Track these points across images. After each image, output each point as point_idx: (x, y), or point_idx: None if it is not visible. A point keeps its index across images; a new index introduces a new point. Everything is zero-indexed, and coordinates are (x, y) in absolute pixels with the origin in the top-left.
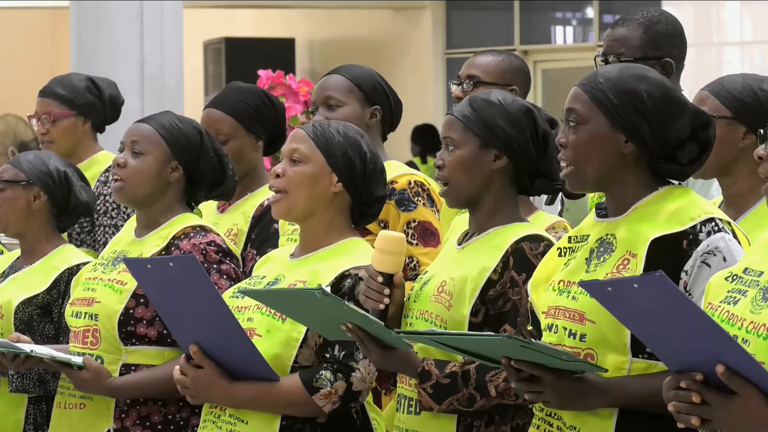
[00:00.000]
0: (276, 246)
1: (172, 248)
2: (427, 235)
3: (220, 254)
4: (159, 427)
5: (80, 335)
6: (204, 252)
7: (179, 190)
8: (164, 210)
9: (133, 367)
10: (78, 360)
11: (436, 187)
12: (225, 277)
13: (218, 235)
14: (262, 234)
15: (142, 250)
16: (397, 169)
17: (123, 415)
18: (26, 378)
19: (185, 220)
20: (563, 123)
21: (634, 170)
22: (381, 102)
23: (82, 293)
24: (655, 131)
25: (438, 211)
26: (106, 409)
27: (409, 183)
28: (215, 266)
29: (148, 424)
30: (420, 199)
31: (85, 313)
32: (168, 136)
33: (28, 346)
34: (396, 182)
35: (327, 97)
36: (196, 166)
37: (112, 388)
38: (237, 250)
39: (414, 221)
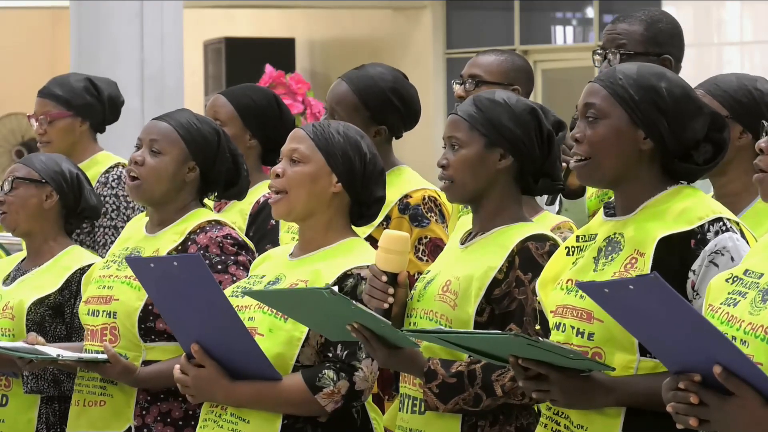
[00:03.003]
0: (274, 242)
1: (189, 243)
2: (437, 253)
3: (236, 247)
4: (180, 423)
5: (98, 333)
6: (221, 245)
7: (194, 189)
8: (178, 208)
9: (153, 363)
10: (102, 356)
11: (447, 201)
12: (242, 268)
13: (234, 228)
14: (260, 231)
15: (158, 246)
16: (412, 183)
17: (144, 412)
18: (41, 379)
19: (200, 215)
20: (579, 118)
21: (649, 168)
22: (389, 118)
23: (97, 291)
24: (673, 129)
25: (447, 225)
26: (126, 406)
27: (423, 198)
28: (232, 258)
29: (169, 420)
30: (433, 215)
31: (103, 311)
32: (186, 136)
33: (53, 351)
34: (411, 197)
35: (333, 110)
36: (212, 166)
37: (137, 379)
38: (252, 244)
39: (426, 237)
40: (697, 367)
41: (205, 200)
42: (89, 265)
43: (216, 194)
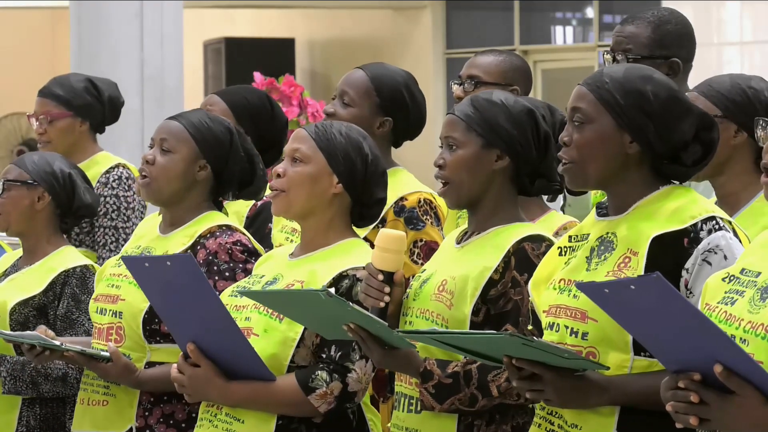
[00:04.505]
0: (272, 246)
1: (198, 247)
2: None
3: (246, 254)
4: (183, 425)
5: (104, 332)
6: (230, 251)
7: (206, 189)
8: (190, 208)
9: (157, 365)
10: (105, 353)
11: (442, 204)
12: None
13: (244, 234)
14: (258, 234)
15: (167, 247)
16: (407, 185)
17: (146, 413)
18: (19, 380)
19: (211, 218)
20: (567, 122)
21: (638, 170)
22: (397, 113)
23: (106, 289)
24: (660, 132)
25: (442, 228)
26: (129, 406)
27: (419, 201)
28: (241, 265)
29: (171, 422)
30: (428, 218)
31: (110, 311)
32: (197, 135)
33: (58, 340)
34: (406, 199)
35: (343, 92)
36: (224, 165)
37: (139, 381)
38: (263, 250)
39: (421, 240)
40: (697, 366)
41: None
42: (74, 268)
43: (231, 194)
